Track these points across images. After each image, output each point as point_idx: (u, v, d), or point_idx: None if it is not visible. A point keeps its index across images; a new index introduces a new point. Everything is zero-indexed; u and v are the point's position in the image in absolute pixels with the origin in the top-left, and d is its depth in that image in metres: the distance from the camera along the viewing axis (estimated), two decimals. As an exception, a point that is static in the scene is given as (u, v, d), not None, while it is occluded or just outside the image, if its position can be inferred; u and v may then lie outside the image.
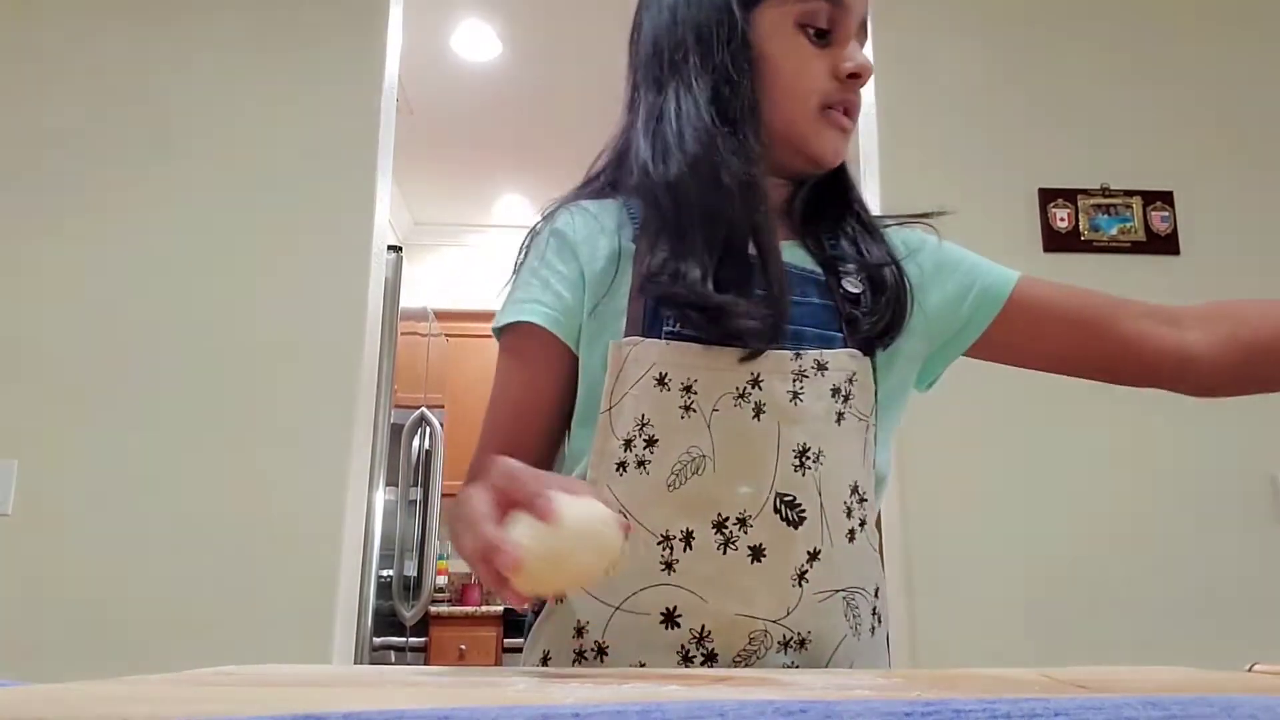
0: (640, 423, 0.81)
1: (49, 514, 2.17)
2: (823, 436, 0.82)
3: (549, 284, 0.87)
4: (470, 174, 4.86)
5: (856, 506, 0.83)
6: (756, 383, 0.81)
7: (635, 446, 0.81)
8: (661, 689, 0.44)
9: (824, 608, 0.79)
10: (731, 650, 0.77)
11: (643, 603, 0.78)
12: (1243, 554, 2.23)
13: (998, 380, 2.36)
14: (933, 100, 2.50)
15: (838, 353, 0.84)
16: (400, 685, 0.48)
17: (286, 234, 2.35)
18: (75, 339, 2.26)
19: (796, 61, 0.86)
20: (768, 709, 0.29)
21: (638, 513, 0.79)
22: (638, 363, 0.81)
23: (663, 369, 0.81)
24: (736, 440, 0.80)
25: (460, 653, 4.35)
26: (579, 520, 0.58)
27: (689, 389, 0.81)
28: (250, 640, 2.08)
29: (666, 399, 0.81)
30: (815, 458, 0.81)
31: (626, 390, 0.81)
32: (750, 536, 0.78)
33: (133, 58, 2.46)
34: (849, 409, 0.84)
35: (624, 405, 0.81)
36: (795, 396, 0.81)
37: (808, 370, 0.82)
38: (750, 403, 0.80)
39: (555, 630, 0.82)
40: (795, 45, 0.86)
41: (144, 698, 0.37)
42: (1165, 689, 0.45)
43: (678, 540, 0.78)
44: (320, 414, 2.23)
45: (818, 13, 0.86)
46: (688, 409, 0.80)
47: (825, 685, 0.49)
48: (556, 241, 0.90)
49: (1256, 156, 2.50)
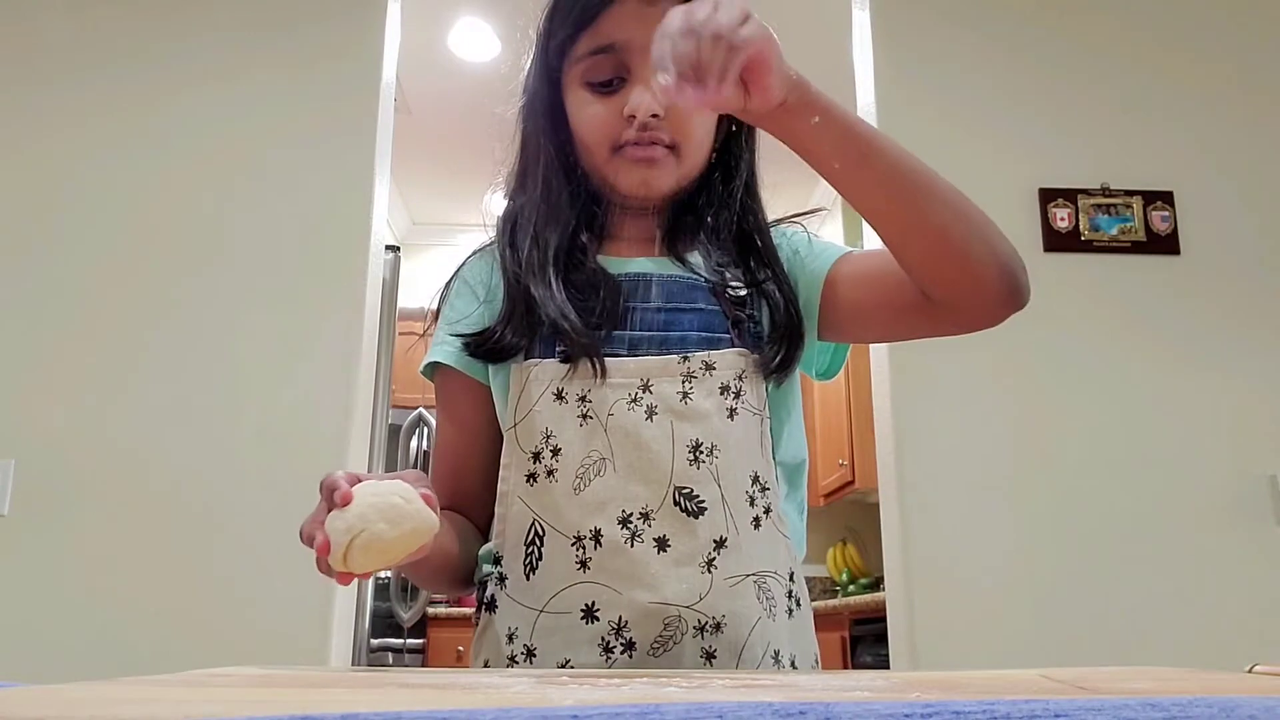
0: (545, 435, 0.89)
1: (46, 514, 2.17)
2: (716, 432, 0.88)
3: (455, 326, 0.97)
4: (468, 174, 4.85)
5: (759, 495, 0.90)
6: (646, 387, 0.88)
7: (544, 457, 0.89)
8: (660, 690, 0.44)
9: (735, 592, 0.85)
10: (649, 638, 0.83)
11: (563, 602, 0.85)
12: (1242, 554, 2.23)
13: (997, 380, 2.37)
14: (933, 100, 2.51)
15: (725, 353, 0.91)
16: (398, 686, 0.48)
17: (284, 234, 2.35)
18: (73, 339, 2.26)
19: (584, 114, 0.95)
20: (766, 710, 0.29)
21: (552, 519, 0.87)
22: (538, 381, 0.90)
23: (559, 385, 0.89)
24: (633, 441, 0.87)
25: (458, 654, 4.35)
26: (371, 497, 0.68)
27: (584, 399, 0.89)
28: (248, 641, 2.08)
29: (565, 410, 0.89)
30: (709, 451, 0.87)
31: (530, 407, 0.90)
32: (654, 529, 0.85)
33: (129, 55, 2.46)
34: (741, 404, 0.90)
35: (530, 420, 0.90)
36: (685, 396, 0.88)
37: (696, 371, 0.89)
38: (642, 406, 0.88)
39: (490, 640, 0.90)
40: (581, 100, 0.95)
41: (142, 698, 0.37)
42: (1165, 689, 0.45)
43: (588, 539, 0.85)
44: (318, 414, 2.23)
45: (593, 68, 0.93)
46: (585, 417, 0.88)
47: (825, 686, 0.49)
48: (460, 286, 1.02)
49: (1256, 156, 2.50)
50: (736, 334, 0.93)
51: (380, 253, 2.47)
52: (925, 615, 2.17)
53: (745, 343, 0.92)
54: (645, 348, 0.91)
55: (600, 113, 0.94)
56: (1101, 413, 2.30)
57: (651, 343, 0.91)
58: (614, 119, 0.93)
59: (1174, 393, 2.32)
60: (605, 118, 0.93)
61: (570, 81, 0.96)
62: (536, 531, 0.88)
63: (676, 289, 0.94)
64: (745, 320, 0.94)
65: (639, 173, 0.94)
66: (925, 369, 2.29)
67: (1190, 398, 2.32)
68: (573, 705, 0.31)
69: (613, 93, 0.93)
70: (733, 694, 0.41)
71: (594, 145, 0.95)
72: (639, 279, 0.95)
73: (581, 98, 0.95)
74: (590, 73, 0.94)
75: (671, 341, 0.91)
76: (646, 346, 0.91)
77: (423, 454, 3.90)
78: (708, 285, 0.95)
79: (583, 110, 0.95)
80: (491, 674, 0.61)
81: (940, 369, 2.29)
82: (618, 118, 0.93)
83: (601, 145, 0.94)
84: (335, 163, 2.40)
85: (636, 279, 0.95)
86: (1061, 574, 2.20)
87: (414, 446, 3.88)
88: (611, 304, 0.92)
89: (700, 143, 0.96)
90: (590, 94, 0.94)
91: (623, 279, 0.95)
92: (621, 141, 0.93)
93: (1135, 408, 2.32)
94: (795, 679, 0.58)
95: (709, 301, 0.94)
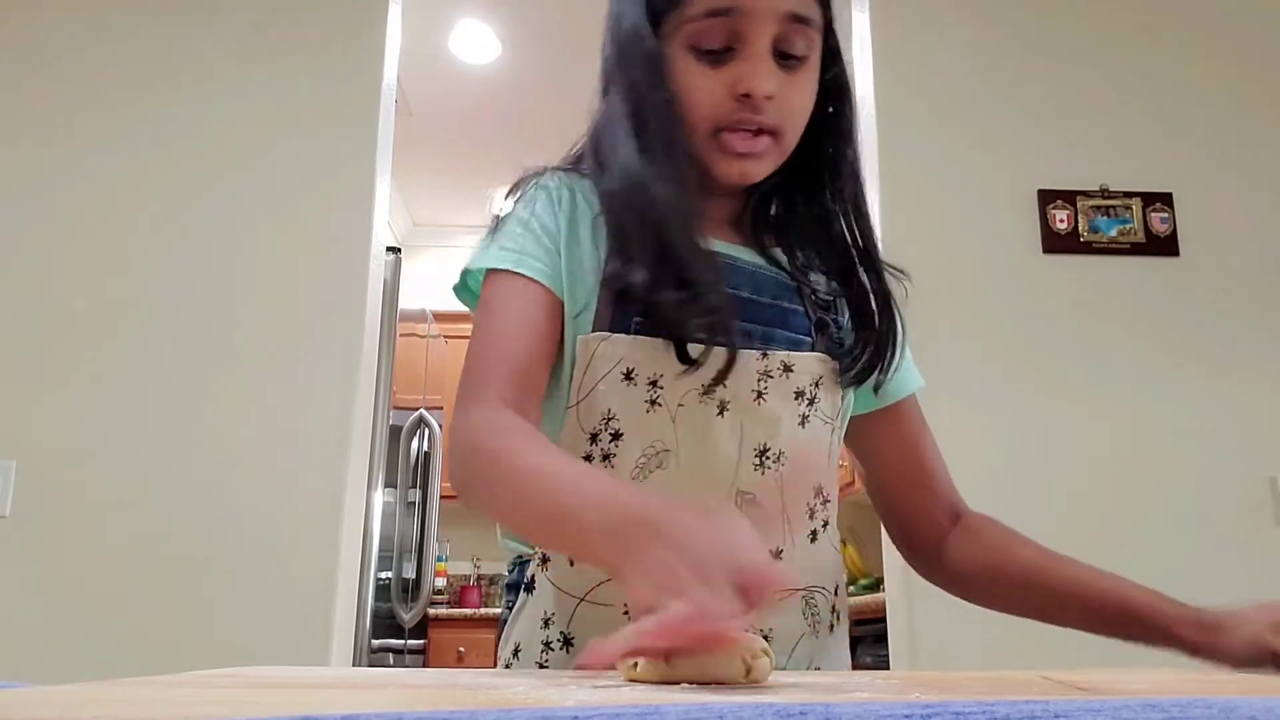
0: (607, 417, 0.81)
1: (46, 515, 2.16)
2: (785, 437, 0.83)
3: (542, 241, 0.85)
4: (469, 175, 4.86)
5: (820, 508, 0.86)
6: (721, 380, 0.81)
7: (601, 440, 0.82)
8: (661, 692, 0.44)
9: (783, 606, 0.81)
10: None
11: (606, 593, 0.80)
12: (1242, 555, 2.23)
13: (996, 381, 2.37)
14: (932, 100, 2.50)
15: (805, 356, 0.85)
16: (399, 687, 0.48)
17: (285, 235, 2.34)
18: (74, 339, 2.26)
19: (687, 85, 0.83)
20: (767, 711, 0.29)
21: None
22: (605, 358, 0.82)
23: (630, 364, 0.81)
24: (699, 436, 0.81)
25: (459, 655, 4.35)
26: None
27: (655, 384, 0.81)
28: (249, 642, 2.08)
29: (633, 394, 0.81)
30: (776, 458, 0.83)
31: (594, 385, 0.82)
32: None
33: (131, 58, 2.45)
34: (814, 412, 0.85)
35: (592, 399, 0.82)
36: (759, 396, 0.82)
37: (773, 371, 0.83)
38: (714, 399, 0.81)
39: (526, 623, 0.84)
40: (686, 67, 0.83)
41: (142, 699, 0.37)
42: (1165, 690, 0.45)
43: None
44: (319, 415, 2.23)
45: (705, 32, 0.82)
46: (653, 404, 0.81)
47: (825, 687, 0.49)
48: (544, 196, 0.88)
49: (1256, 157, 2.50)
50: (819, 338, 0.87)
51: (381, 254, 2.47)
52: (925, 615, 2.17)
53: (826, 348, 0.87)
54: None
55: (708, 85, 0.82)
56: (1101, 414, 2.30)
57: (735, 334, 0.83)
58: (722, 94, 0.82)
59: (1173, 394, 2.32)
60: (713, 91, 0.82)
61: (674, 41, 0.84)
62: None
63: (761, 280, 0.87)
64: (830, 325, 0.88)
65: (739, 164, 0.84)
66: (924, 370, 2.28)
67: (1190, 399, 2.32)
68: (573, 706, 0.31)
69: (722, 63, 0.82)
70: (733, 695, 0.41)
71: (697, 121, 0.83)
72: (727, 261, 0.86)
73: (686, 63, 0.83)
74: (701, 36, 0.82)
75: (754, 335, 0.84)
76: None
77: (423, 455, 3.90)
78: (792, 283, 0.89)
79: (687, 79, 0.83)
80: (492, 674, 0.61)
81: (939, 370, 2.28)
82: (726, 94, 0.82)
83: (705, 122, 0.83)
84: (336, 164, 2.40)
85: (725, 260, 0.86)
86: (1061, 575, 2.20)
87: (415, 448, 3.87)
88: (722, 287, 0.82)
89: (802, 126, 0.87)
90: (697, 61, 0.83)
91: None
92: (727, 122, 0.82)
93: (1135, 409, 2.31)
94: (796, 679, 0.58)
95: (793, 300, 0.88)
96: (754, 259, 0.89)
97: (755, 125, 0.82)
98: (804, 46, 0.84)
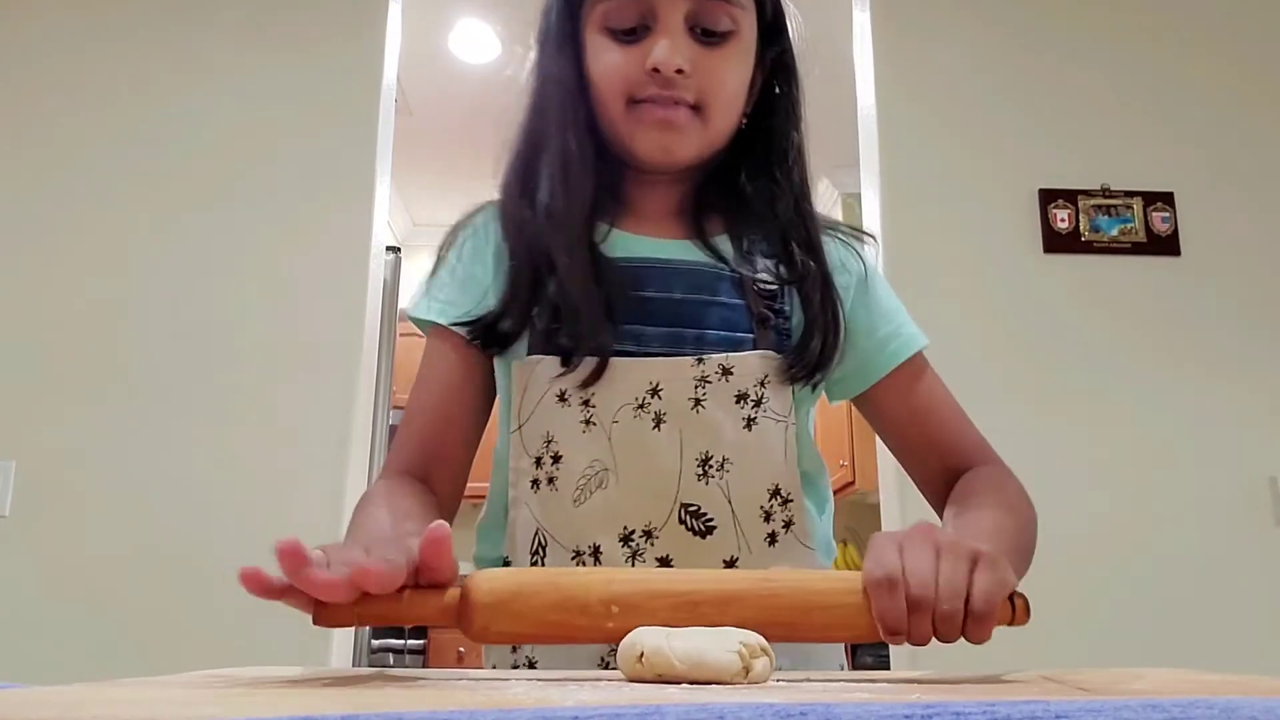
0: (546, 439, 0.82)
1: (46, 515, 2.16)
2: (729, 444, 0.81)
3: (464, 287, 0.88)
4: (469, 175, 4.83)
5: (778, 509, 0.83)
6: (656, 392, 0.80)
7: (545, 463, 0.82)
8: (661, 692, 0.44)
9: None
10: None
11: None
12: (1242, 556, 2.22)
13: (996, 381, 2.37)
14: (932, 100, 2.50)
15: (746, 356, 0.82)
16: (399, 687, 0.48)
17: (285, 235, 2.34)
18: (74, 340, 2.26)
19: (601, 63, 0.85)
20: (767, 711, 0.29)
21: (552, 529, 0.82)
22: (538, 381, 0.82)
23: (562, 385, 0.81)
24: (637, 452, 0.80)
25: (459, 655, 4.34)
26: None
27: (587, 404, 0.81)
28: (249, 642, 2.08)
29: (568, 414, 0.81)
30: (720, 465, 0.81)
31: (533, 409, 0.82)
32: (657, 548, 0.80)
33: (131, 58, 2.45)
34: (762, 412, 0.82)
35: (533, 422, 0.83)
36: (698, 404, 0.81)
37: (711, 376, 0.81)
38: (650, 413, 0.80)
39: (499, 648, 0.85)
40: (601, 47, 0.85)
41: (142, 699, 0.37)
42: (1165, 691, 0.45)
43: (587, 555, 0.80)
44: (319, 415, 2.23)
45: (617, 11, 0.84)
46: (588, 423, 0.81)
47: (825, 687, 0.49)
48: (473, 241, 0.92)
49: (1258, 157, 2.50)
50: (761, 333, 0.84)
51: (381, 254, 2.47)
52: (926, 616, 2.17)
53: (770, 343, 0.84)
54: (657, 345, 0.82)
55: (618, 61, 0.84)
56: (1101, 414, 2.30)
57: (664, 339, 0.82)
58: (634, 70, 0.83)
59: (1174, 394, 2.31)
60: (624, 67, 0.84)
61: (590, 24, 0.86)
62: (540, 541, 0.82)
63: (697, 278, 0.85)
64: (773, 318, 0.85)
65: (658, 136, 0.84)
66: (925, 370, 2.29)
67: (1190, 399, 2.31)
68: (574, 706, 0.31)
69: (635, 41, 0.84)
70: (733, 695, 0.41)
71: (609, 96, 0.85)
72: (655, 264, 0.86)
73: (600, 43, 0.85)
74: (612, 17, 0.85)
75: (687, 339, 0.82)
76: (658, 344, 0.82)
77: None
78: (733, 276, 0.86)
79: (600, 57, 0.85)
80: (492, 674, 0.61)
81: (940, 370, 2.28)
82: (638, 69, 0.83)
83: (617, 97, 0.84)
84: (336, 164, 2.40)
85: (652, 264, 0.86)
86: (1061, 574, 2.20)
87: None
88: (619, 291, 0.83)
89: (729, 103, 0.87)
90: (610, 40, 0.85)
91: (637, 263, 0.85)
92: (640, 95, 0.84)
93: (1135, 409, 2.31)
94: (795, 679, 0.58)
95: (733, 294, 0.85)
96: (691, 255, 0.87)
97: (670, 99, 0.83)
98: (727, 22, 0.85)
